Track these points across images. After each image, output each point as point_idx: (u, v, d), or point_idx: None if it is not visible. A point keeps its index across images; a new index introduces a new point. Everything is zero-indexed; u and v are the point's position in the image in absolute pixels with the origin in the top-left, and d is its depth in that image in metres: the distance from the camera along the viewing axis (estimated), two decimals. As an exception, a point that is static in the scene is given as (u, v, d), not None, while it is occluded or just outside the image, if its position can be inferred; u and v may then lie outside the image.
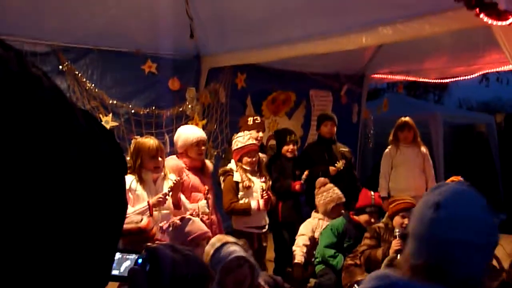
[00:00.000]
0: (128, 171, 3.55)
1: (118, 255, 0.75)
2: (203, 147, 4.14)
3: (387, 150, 5.71)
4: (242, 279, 2.50)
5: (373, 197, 4.34)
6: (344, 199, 4.67)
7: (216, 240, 2.65)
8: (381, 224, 3.99)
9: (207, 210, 3.94)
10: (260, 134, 4.91)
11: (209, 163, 4.36)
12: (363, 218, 4.25)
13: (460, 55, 6.97)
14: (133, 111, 5.33)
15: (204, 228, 3.08)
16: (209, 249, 2.57)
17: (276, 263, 4.96)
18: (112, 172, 0.54)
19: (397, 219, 3.88)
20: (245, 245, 2.65)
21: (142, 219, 3.15)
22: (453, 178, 4.39)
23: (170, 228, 3.01)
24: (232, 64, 6.01)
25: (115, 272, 0.73)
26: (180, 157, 4.10)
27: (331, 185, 4.73)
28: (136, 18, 5.05)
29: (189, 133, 4.13)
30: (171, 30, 5.38)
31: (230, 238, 2.69)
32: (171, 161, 4.07)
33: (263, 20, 5.04)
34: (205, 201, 3.98)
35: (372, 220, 4.20)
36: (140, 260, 0.63)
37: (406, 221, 3.79)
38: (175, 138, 4.19)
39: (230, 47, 5.62)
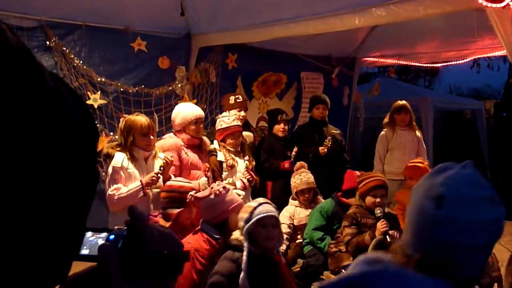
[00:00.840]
0: (119, 148, 3.51)
1: (90, 235, 0.72)
2: (201, 125, 4.09)
3: (382, 132, 5.69)
4: (272, 237, 2.72)
5: (357, 177, 4.29)
6: (313, 186, 4.58)
7: (261, 199, 2.92)
8: (355, 209, 3.90)
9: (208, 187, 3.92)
10: (242, 113, 4.86)
11: (207, 140, 4.32)
12: (352, 200, 4.22)
13: (452, 40, 6.95)
14: (122, 89, 5.25)
15: (240, 199, 3.19)
16: (253, 203, 2.84)
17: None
18: (82, 138, 0.51)
19: (369, 199, 3.78)
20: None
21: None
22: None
23: (212, 196, 3.04)
24: (223, 44, 5.94)
25: (85, 252, 0.69)
26: (178, 134, 4.06)
27: (305, 170, 4.67)
28: (126, -5, 4.96)
29: (188, 110, 4.08)
30: (162, 7, 5.30)
31: (263, 199, 2.94)
32: (169, 139, 4.04)
33: (255, 0, 4.96)
34: (205, 178, 3.95)
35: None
36: (112, 237, 0.60)
37: (378, 199, 3.76)
38: (173, 115, 4.13)
39: (221, 26, 5.55)
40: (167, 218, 3.26)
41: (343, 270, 3.77)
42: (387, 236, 3.49)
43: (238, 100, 4.90)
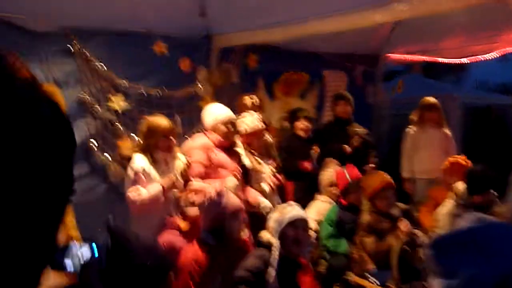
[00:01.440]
0: (139, 150, 3.51)
1: (73, 245, 0.69)
2: (231, 128, 4.04)
3: (410, 130, 5.55)
4: (300, 240, 2.78)
5: (347, 174, 4.11)
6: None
7: (293, 203, 3.02)
8: (367, 216, 3.75)
9: (232, 188, 3.89)
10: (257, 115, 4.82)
11: (237, 141, 4.27)
12: (353, 197, 4.06)
13: (479, 34, 6.77)
14: (143, 91, 5.27)
15: (239, 203, 3.11)
16: (285, 205, 2.93)
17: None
18: (57, 145, 0.49)
19: (381, 202, 3.65)
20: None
21: None
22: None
23: (206, 202, 3.02)
24: (244, 44, 5.91)
25: (68, 262, 0.67)
26: (208, 135, 4.02)
27: (335, 166, 4.59)
28: (145, -2, 4.98)
29: (219, 111, 4.05)
30: (181, 9, 5.30)
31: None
32: (198, 139, 4.02)
33: (274, -1, 4.93)
34: (233, 178, 3.91)
35: (358, 190, 4.00)
36: (95, 249, 0.57)
37: (389, 200, 3.61)
38: (203, 115, 4.10)
39: (241, 26, 5.53)
40: (185, 219, 3.25)
41: (366, 274, 3.68)
42: (414, 239, 3.38)
43: (252, 100, 4.85)
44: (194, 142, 3.98)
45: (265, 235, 2.79)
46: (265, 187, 4.09)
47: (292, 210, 2.80)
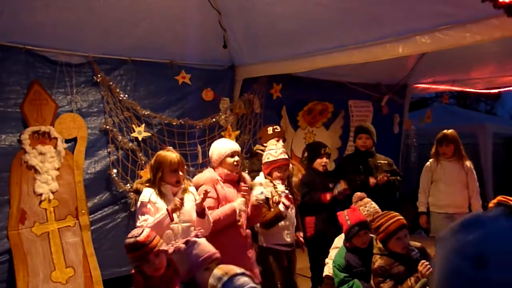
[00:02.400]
0: (148, 184, 3.54)
1: None
2: (237, 159, 4.04)
3: (427, 163, 5.45)
4: None
5: (347, 217, 3.89)
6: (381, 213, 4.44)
7: (222, 272, 2.48)
8: (380, 260, 3.52)
9: (243, 208, 3.86)
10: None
11: (246, 176, 4.25)
12: (356, 241, 3.85)
13: (509, 64, 6.61)
14: (166, 121, 5.32)
15: (212, 249, 2.95)
16: (215, 283, 2.43)
17: (313, 278, 4.83)
18: None
19: (395, 244, 3.42)
20: (251, 274, 2.52)
21: (142, 232, 3.08)
22: (500, 197, 4.07)
23: (174, 253, 2.93)
24: (267, 75, 5.92)
25: None
26: (216, 170, 4.04)
27: (368, 199, 4.50)
28: (169, 30, 5.07)
29: (223, 145, 4.06)
30: (205, 41, 5.37)
31: (236, 269, 2.54)
32: (206, 173, 4.03)
33: (297, 30, 4.93)
34: (242, 199, 3.89)
35: (364, 239, 3.78)
36: None
37: (404, 242, 3.41)
38: (210, 152, 4.12)
39: (264, 57, 5.55)
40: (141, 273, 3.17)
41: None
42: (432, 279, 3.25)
43: (276, 130, 4.85)
44: (202, 175, 3.98)
45: None
46: (280, 206, 4.00)
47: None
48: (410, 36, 4.21)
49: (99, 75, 4.90)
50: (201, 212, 3.58)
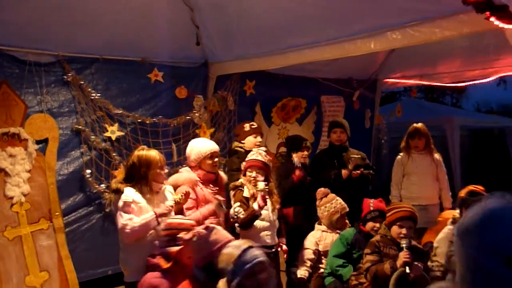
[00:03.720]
0: (129, 184, 3.49)
1: None
2: (216, 159, 4.05)
3: (398, 157, 5.55)
4: (262, 284, 2.56)
5: (371, 204, 4.18)
6: (347, 209, 4.53)
7: (242, 242, 2.70)
8: (378, 237, 3.79)
9: (222, 209, 3.92)
10: (259, 138, 4.82)
11: (223, 175, 4.27)
12: (369, 226, 4.10)
13: (475, 58, 6.78)
14: (139, 120, 5.26)
15: (229, 236, 3.02)
16: (234, 251, 2.60)
17: (287, 271, 4.86)
18: None
19: (394, 229, 3.70)
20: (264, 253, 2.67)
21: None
22: (471, 187, 4.22)
23: (195, 238, 2.92)
24: (240, 71, 5.91)
25: None
26: (194, 170, 4.02)
27: (333, 195, 4.60)
28: (141, 27, 5.00)
29: (202, 146, 4.04)
30: (177, 38, 5.34)
31: (253, 243, 2.73)
32: (184, 173, 4.01)
33: (270, 27, 4.94)
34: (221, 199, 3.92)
35: (377, 225, 4.02)
36: None
37: (403, 230, 3.65)
38: (187, 151, 4.10)
39: (238, 54, 5.54)
40: (167, 258, 3.16)
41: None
42: (407, 267, 3.36)
43: (253, 127, 4.87)
44: (180, 176, 3.96)
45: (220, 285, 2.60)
46: (254, 205, 4.00)
47: (244, 255, 2.55)
48: (381, 32, 4.27)
49: (69, 74, 4.81)
50: (179, 213, 3.57)
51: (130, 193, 3.43)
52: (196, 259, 2.88)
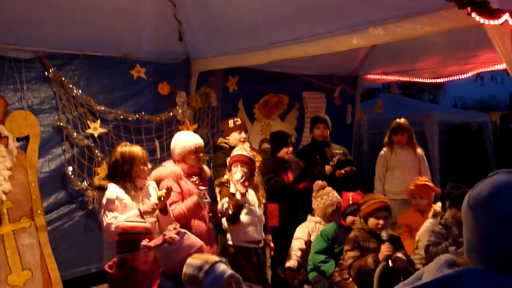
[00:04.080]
0: (111, 180, 3.46)
1: None
2: (201, 154, 4.05)
3: (381, 152, 5.62)
4: None
5: (350, 197, 4.21)
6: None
7: (202, 261, 2.48)
8: (356, 232, 3.76)
9: (205, 200, 3.85)
10: (243, 134, 4.83)
11: (206, 169, 4.27)
12: (349, 220, 4.13)
13: (454, 55, 6.90)
14: (121, 117, 5.23)
15: (199, 241, 2.90)
16: (195, 273, 2.43)
17: (272, 267, 4.87)
18: None
19: (372, 221, 3.68)
20: (226, 261, 2.56)
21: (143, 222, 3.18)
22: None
23: (166, 244, 2.72)
24: (223, 68, 5.91)
25: None
26: (178, 163, 4.01)
27: (330, 188, 4.63)
28: (123, 23, 4.95)
29: (187, 140, 4.02)
30: (160, 34, 5.31)
31: (214, 257, 2.56)
32: (168, 167, 3.99)
33: (253, 23, 4.95)
34: (203, 188, 3.90)
35: (357, 219, 4.01)
36: None
37: (381, 221, 3.64)
38: (172, 145, 4.07)
39: (220, 50, 5.54)
40: (122, 265, 2.99)
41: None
42: (390, 261, 3.39)
43: (237, 123, 4.87)
44: (164, 170, 3.94)
45: None
46: (237, 194, 4.00)
47: (208, 276, 2.41)
48: (364, 28, 4.32)
49: (50, 71, 4.75)
50: (163, 209, 3.56)
51: (113, 190, 3.41)
52: (166, 267, 2.71)
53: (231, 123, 4.86)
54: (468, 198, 1.22)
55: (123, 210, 3.40)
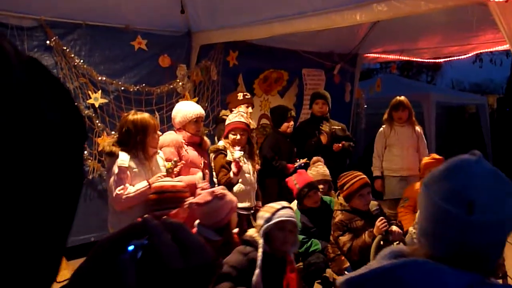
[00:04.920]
0: (122, 148, 3.44)
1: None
2: (201, 124, 4.10)
3: (381, 129, 5.65)
4: (287, 241, 2.79)
5: (295, 181, 4.12)
6: (329, 178, 4.59)
7: (284, 203, 2.96)
8: (340, 215, 3.75)
9: (201, 183, 3.89)
10: (250, 109, 4.87)
11: (206, 139, 4.31)
12: (307, 201, 4.07)
13: (454, 34, 6.90)
14: (122, 88, 5.22)
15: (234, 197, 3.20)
16: (275, 205, 2.88)
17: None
18: (62, 143, 0.47)
19: (357, 200, 3.67)
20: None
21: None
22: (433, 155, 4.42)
23: (215, 200, 3.01)
24: (224, 41, 5.90)
25: None
26: (179, 132, 4.05)
27: (321, 163, 4.68)
28: (126, -7, 4.93)
29: (188, 109, 4.06)
30: (162, 5, 5.28)
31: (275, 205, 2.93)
32: (169, 135, 4.03)
33: (255, -4, 4.93)
34: (201, 173, 3.96)
35: (315, 197, 4.03)
36: (130, 248, 0.52)
37: (368, 198, 3.67)
38: (173, 113, 4.12)
39: (222, 23, 5.51)
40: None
41: (345, 272, 3.72)
42: (389, 235, 3.44)
43: (246, 97, 4.92)
44: (165, 138, 3.97)
45: (251, 234, 2.81)
46: (230, 173, 4.05)
47: (282, 210, 2.81)
48: (368, 3, 4.32)
49: (52, 39, 4.73)
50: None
51: (125, 158, 3.39)
52: (213, 221, 2.99)
53: (240, 95, 4.88)
54: (425, 179, 1.25)
55: (133, 180, 3.40)
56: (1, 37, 0.44)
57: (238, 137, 4.15)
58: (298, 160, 4.95)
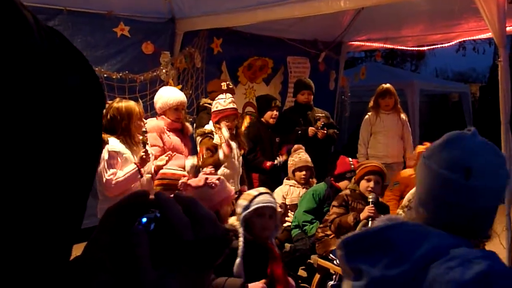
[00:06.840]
0: (108, 135, 3.44)
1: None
2: (182, 111, 4.08)
3: (366, 116, 5.68)
4: (267, 227, 2.78)
5: (351, 162, 4.31)
6: (311, 165, 4.64)
7: (262, 189, 2.96)
8: (347, 191, 3.93)
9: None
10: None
11: (188, 125, 4.31)
12: (343, 184, 4.23)
13: (438, 22, 6.92)
14: (105, 75, 5.16)
15: (232, 189, 3.21)
16: (253, 192, 2.89)
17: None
18: (82, 109, 0.48)
19: (363, 183, 3.83)
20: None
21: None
22: (427, 144, 4.41)
23: (206, 187, 2.98)
24: (208, 28, 5.85)
25: None
26: (160, 118, 4.04)
27: (303, 150, 4.72)
28: (107, -22, 4.85)
29: (169, 95, 4.06)
30: (145, -9, 5.21)
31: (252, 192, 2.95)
32: (152, 122, 4.04)
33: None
34: (191, 161, 3.99)
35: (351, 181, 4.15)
36: (144, 220, 0.54)
37: (371, 184, 3.78)
38: (155, 98, 4.14)
39: (206, 10, 5.47)
40: None
41: (331, 255, 3.78)
42: (370, 222, 3.49)
43: (229, 86, 4.88)
44: (148, 124, 3.96)
45: (231, 222, 2.80)
46: (220, 153, 4.06)
47: (259, 197, 2.79)
48: (352, -10, 4.32)
49: (32, 26, 4.63)
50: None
51: (115, 144, 3.41)
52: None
53: (224, 85, 4.83)
54: (425, 152, 1.33)
55: (123, 165, 3.42)
56: (22, 6, 0.43)
57: (232, 124, 4.18)
58: (279, 157, 4.97)
